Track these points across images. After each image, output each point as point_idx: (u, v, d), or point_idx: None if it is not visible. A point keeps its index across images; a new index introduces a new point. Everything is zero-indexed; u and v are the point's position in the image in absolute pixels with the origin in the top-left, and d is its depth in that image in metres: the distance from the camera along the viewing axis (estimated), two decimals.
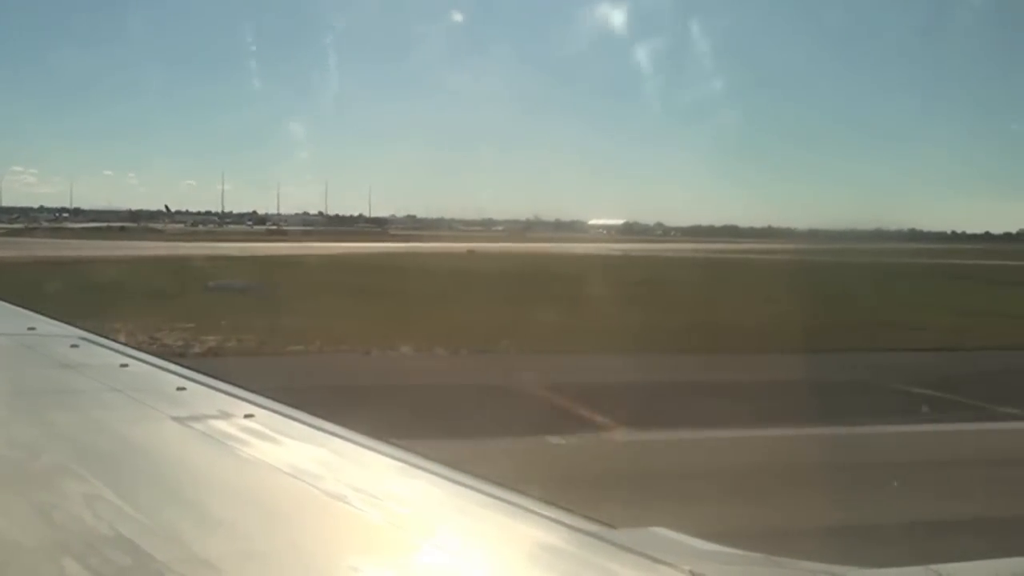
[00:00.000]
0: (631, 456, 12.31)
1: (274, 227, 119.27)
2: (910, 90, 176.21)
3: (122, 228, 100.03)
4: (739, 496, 9.89)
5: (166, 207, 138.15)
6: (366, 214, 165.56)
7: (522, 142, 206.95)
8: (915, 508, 9.81)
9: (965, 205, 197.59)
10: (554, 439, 12.66)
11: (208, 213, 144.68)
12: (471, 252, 64.37)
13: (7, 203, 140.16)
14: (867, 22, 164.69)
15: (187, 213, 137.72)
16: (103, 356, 4.79)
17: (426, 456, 3.08)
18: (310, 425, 3.47)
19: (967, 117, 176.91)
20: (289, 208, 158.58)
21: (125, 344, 5.17)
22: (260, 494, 2.77)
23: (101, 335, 5.33)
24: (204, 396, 3.90)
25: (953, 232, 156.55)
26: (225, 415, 3.54)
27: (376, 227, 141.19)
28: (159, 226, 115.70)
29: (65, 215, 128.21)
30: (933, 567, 2.08)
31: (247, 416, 3.51)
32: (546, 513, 2.54)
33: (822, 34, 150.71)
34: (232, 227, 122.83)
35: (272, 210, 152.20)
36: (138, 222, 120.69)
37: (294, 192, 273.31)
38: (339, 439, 3.29)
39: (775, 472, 11.05)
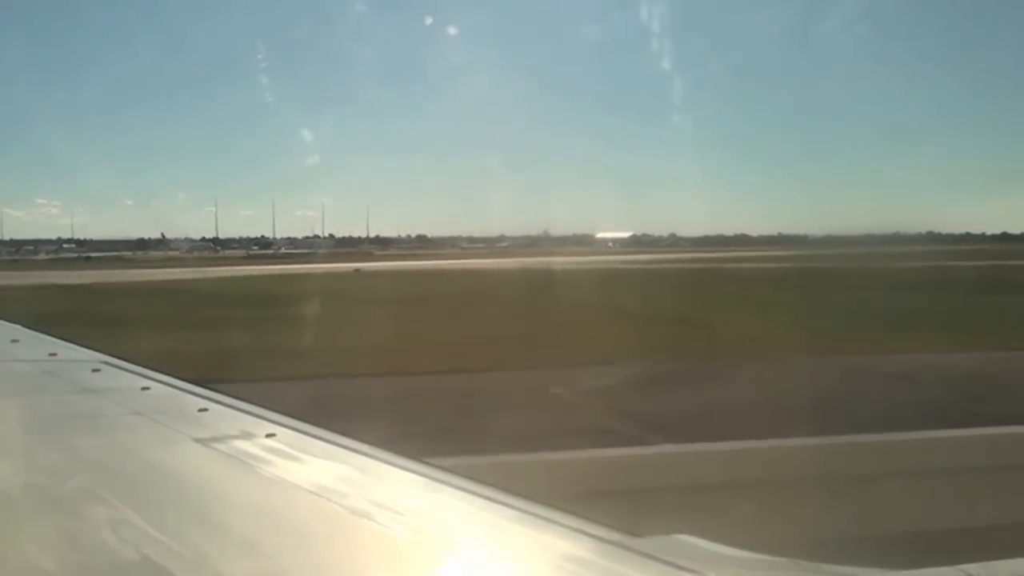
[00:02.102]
0: None
1: (261, 252, 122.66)
2: (922, 90, 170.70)
3: (87, 258, 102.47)
4: None
5: (162, 235, 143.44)
6: (382, 234, 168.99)
7: (534, 157, 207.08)
8: None
9: (983, 205, 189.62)
10: None
11: (215, 239, 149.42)
12: (356, 271, 65.14)
13: (31, 235, 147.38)
14: (878, 25, 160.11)
15: (184, 240, 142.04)
16: (125, 380, 4.86)
17: (447, 470, 3.12)
18: (332, 443, 3.50)
19: (984, 116, 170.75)
20: (306, 231, 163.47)
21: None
22: (284, 513, 2.80)
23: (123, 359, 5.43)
24: (226, 417, 3.95)
25: (967, 233, 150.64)
26: (247, 435, 3.58)
27: (379, 247, 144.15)
28: (159, 253, 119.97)
29: (70, 245, 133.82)
30: (962, 567, 2.09)
31: (269, 435, 3.55)
32: (569, 524, 2.56)
33: (831, 38, 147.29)
34: (229, 252, 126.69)
35: (292, 233, 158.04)
36: (144, 250, 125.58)
37: (312, 215, 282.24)
38: (361, 456, 3.32)
39: None
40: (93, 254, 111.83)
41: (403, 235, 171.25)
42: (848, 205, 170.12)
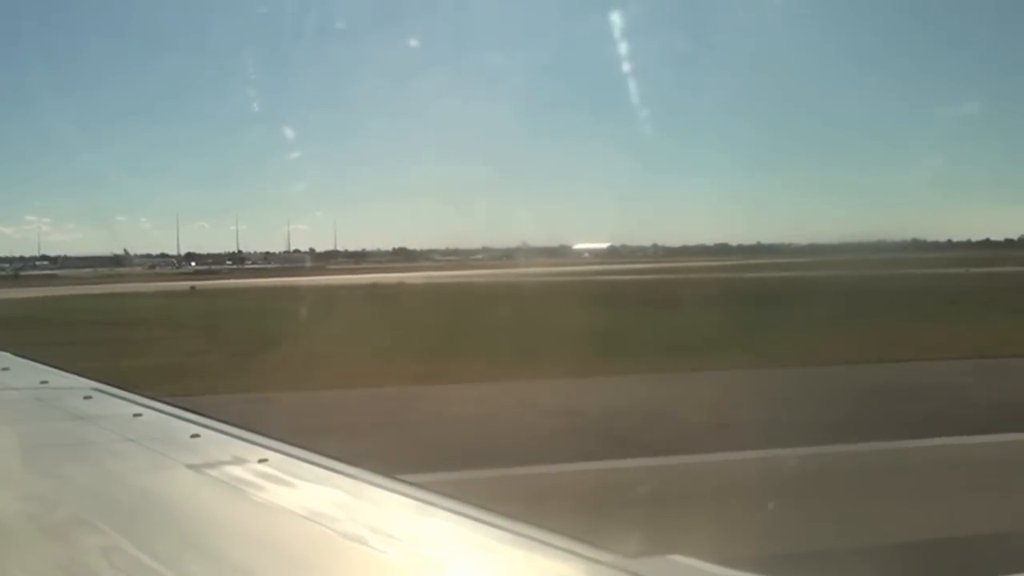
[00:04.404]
0: None
1: (208, 268, 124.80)
2: (906, 97, 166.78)
3: (16, 276, 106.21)
4: None
5: (125, 251, 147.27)
6: (368, 247, 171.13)
7: (519, 169, 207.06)
8: None
9: (967, 213, 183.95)
10: None
11: (189, 254, 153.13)
12: (192, 288, 66.46)
13: (21, 252, 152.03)
14: (861, 33, 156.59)
15: (147, 256, 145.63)
16: (116, 407, 4.83)
17: (442, 493, 3.14)
18: (325, 467, 3.47)
19: (970, 123, 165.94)
20: (298, 244, 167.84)
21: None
22: (277, 539, 2.79)
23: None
24: (218, 442, 3.92)
25: (949, 240, 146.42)
26: (239, 461, 3.56)
27: (354, 260, 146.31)
28: (123, 269, 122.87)
29: (43, 262, 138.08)
30: None
31: (261, 461, 3.52)
32: (563, 545, 2.57)
33: (814, 45, 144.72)
34: (187, 268, 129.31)
35: (285, 247, 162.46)
36: (111, 266, 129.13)
37: (302, 228, 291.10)
38: (355, 480, 3.30)
39: None
40: (50, 271, 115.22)
41: (383, 248, 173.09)
42: (834, 213, 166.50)
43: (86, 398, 4.95)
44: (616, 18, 76.21)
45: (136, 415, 4.51)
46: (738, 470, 13.21)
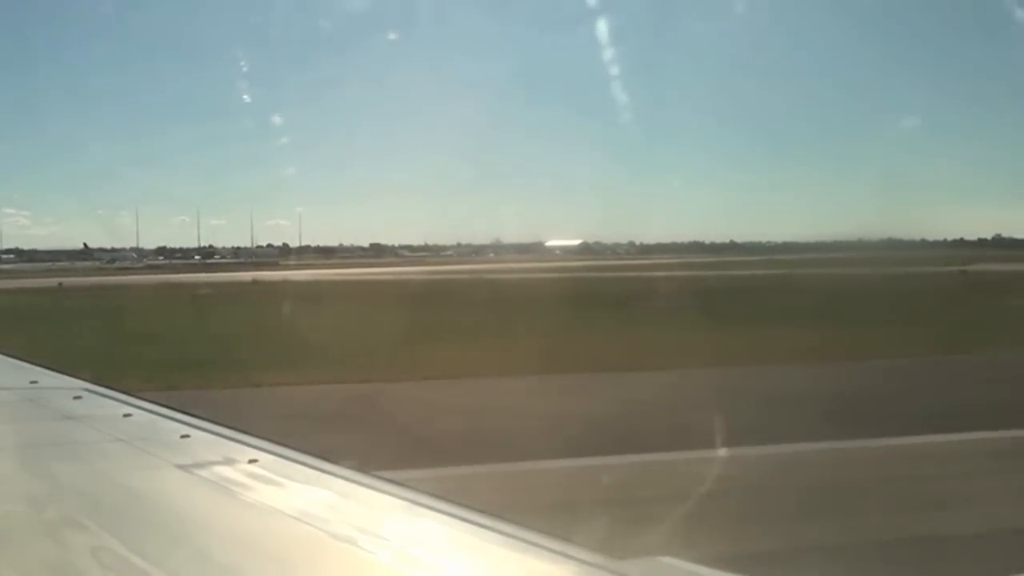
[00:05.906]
0: None
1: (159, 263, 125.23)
2: (882, 97, 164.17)
3: None
4: None
5: (84, 245, 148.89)
6: (347, 243, 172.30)
7: (496, 165, 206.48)
8: None
9: (942, 212, 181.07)
10: None
11: (162, 249, 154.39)
12: (59, 285, 67.17)
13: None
14: (839, 37, 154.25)
15: (108, 250, 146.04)
16: (106, 407, 4.82)
17: (431, 493, 3.14)
18: (315, 468, 3.47)
19: (946, 121, 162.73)
20: (276, 239, 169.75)
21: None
22: (267, 539, 2.78)
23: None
24: (208, 443, 3.91)
25: (923, 240, 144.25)
26: (229, 461, 3.55)
27: (324, 255, 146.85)
28: (85, 263, 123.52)
29: (10, 256, 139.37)
30: None
31: (251, 461, 3.52)
32: (553, 547, 2.58)
33: (791, 40, 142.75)
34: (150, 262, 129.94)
35: (264, 241, 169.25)
36: (75, 259, 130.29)
37: (288, 225, 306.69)
38: (344, 481, 3.31)
39: None
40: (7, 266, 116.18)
41: (361, 244, 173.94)
42: (812, 211, 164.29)
43: (76, 398, 4.94)
44: (591, 19, 74.93)
45: (126, 415, 4.51)
46: None
